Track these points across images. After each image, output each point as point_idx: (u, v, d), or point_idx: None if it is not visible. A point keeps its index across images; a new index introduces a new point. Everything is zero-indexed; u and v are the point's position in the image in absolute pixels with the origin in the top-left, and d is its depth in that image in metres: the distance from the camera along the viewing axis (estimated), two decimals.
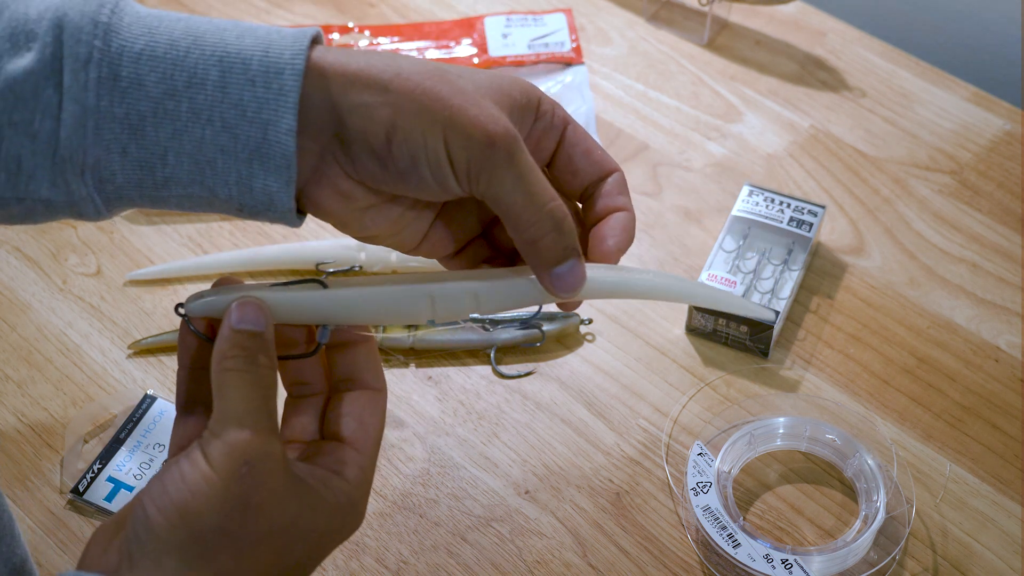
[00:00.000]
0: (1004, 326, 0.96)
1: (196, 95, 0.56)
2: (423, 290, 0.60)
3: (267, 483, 0.54)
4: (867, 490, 0.84)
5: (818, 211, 0.99)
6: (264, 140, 0.56)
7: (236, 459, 0.53)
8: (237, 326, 0.56)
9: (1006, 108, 1.12)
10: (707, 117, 1.12)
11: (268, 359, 0.57)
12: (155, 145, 0.56)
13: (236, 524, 0.53)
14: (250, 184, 0.57)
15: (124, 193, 0.58)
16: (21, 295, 0.96)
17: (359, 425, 0.60)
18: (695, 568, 0.83)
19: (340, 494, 0.57)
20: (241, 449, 0.54)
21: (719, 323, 0.93)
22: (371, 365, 0.61)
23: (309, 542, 0.56)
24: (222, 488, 0.53)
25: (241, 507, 0.53)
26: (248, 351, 0.56)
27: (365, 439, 0.59)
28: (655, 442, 0.89)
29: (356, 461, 0.59)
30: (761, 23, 1.20)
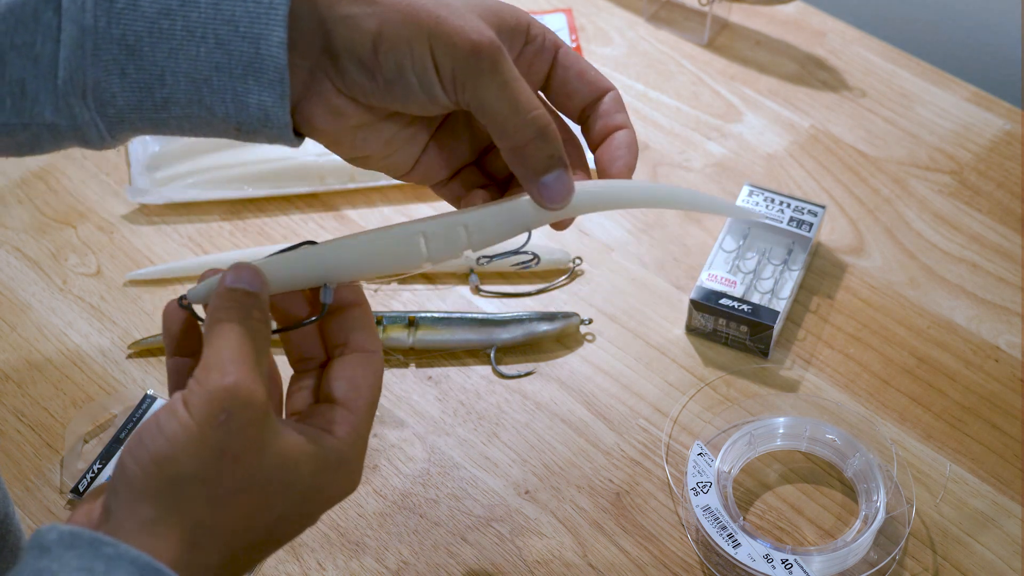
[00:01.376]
0: (1004, 326, 0.96)
1: (190, 12, 0.57)
2: (415, 229, 0.60)
3: (246, 432, 0.53)
4: (867, 490, 0.84)
5: (818, 211, 0.99)
6: (257, 54, 0.57)
7: (215, 406, 0.52)
8: (231, 284, 0.56)
9: (1006, 108, 1.12)
10: (707, 117, 1.12)
11: (262, 315, 0.56)
12: (152, 65, 0.57)
13: (212, 472, 0.52)
14: (246, 100, 0.58)
15: (125, 116, 0.59)
16: (21, 295, 0.96)
17: (351, 386, 0.59)
18: (695, 568, 0.83)
19: (329, 450, 0.56)
20: (221, 396, 0.52)
21: (719, 323, 0.93)
22: (363, 327, 0.61)
23: (292, 497, 0.55)
24: (198, 435, 0.52)
25: (217, 455, 0.52)
26: (242, 305, 0.56)
27: (356, 398, 0.59)
28: (655, 442, 0.89)
29: (347, 419, 0.58)
30: (761, 23, 1.20)
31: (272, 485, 0.54)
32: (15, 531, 0.73)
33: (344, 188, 1.03)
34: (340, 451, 0.57)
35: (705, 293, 0.93)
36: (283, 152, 1.04)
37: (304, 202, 1.03)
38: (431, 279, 0.98)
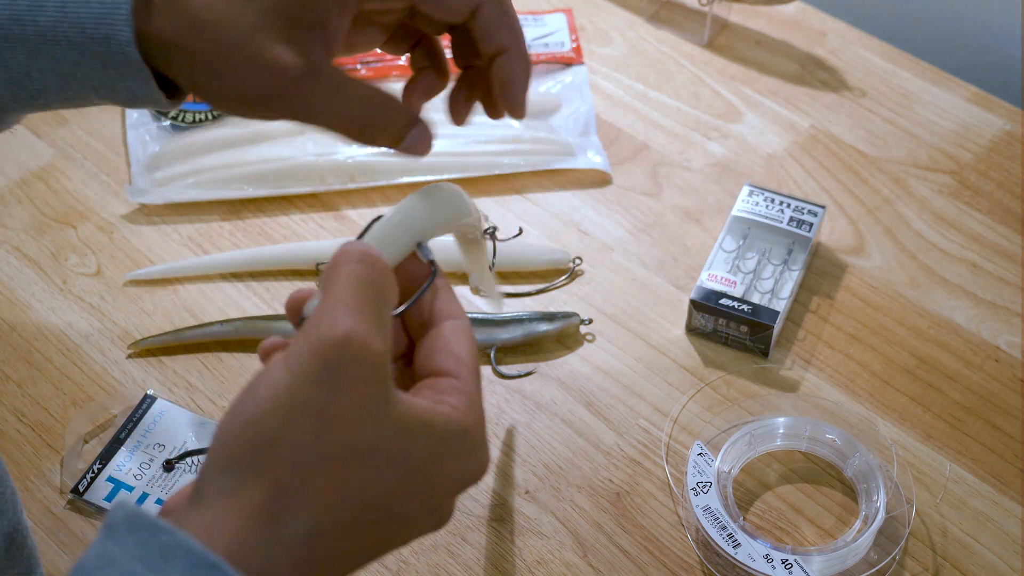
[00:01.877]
0: (1004, 326, 0.96)
1: (38, 17, 0.58)
2: None
3: (353, 391, 0.46)
4: (867, 490, 0.84)
5: (818, 211, 0.99)
6: (109, 52, 0.58)
7: (316, 361, 0.46)
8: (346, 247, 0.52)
9: (1006, 108, 1.12)
10: (707, 117, 1.12)
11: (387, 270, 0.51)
12: (17, 65, 0.59)
13: (304, 435, 0.45)
14: (114, 86, 0.59)
15: (6, 106, 0.60)
16: (21, 295, 0.96)
17: (449, 354, 0.53)
18: (695, 568, 0.83)
19: (447, 420, 0.50)
20: (325, 348, 0.46)
21: (719, 323, 0.93)
22: (445, 299, 0.56)
23: (404, 472, 0.48)
24: (292, 393, 0.46)
25: (313, 415, 0.46)
26: (364, 256, 0.51)
27: (459, 365, 0.53)
28: (655, 442, 0.89)
29: (457, 387, 0.52)
30: (761, 23, 1.20)
31: (378, 455, 0.47)
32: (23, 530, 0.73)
33: (344, 188, 1.03)
34: (459, 421, 0.50)
35: (705, 293, 0.93)
36: (283, 152, 1.04)
37: (304, 202, 1.03)
38: None
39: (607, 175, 1.06)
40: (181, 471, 0.86)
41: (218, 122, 1.07)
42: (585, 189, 1.05)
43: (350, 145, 0.62)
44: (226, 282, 0.98)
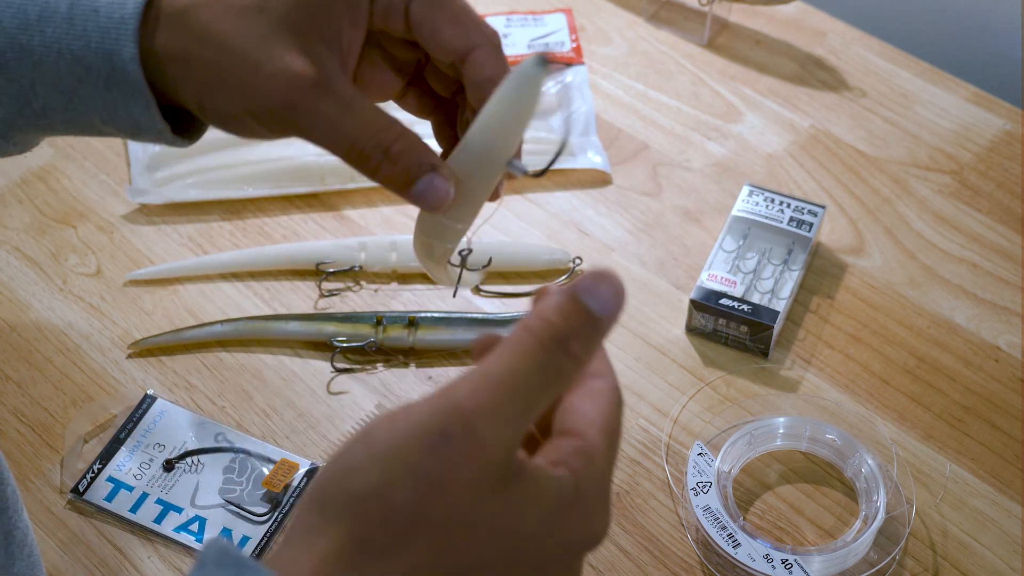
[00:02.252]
0: (1004, 326, 0.96)
1: (46, 28, 0.57)
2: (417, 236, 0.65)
3: (463, 469, 0.43)
4: (867, 490, 0.84)
5: (818, 211, 0.99)
6: (112, 69, 0.56)
7: (434, 425, 0.43)
8: (580, 296, 0.45)
9: (1006, 108, 1.12)
10: (707, 117, 1.12)
11: (583, 351, 0.45)
12: (22, 78, 0.57)
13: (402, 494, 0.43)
14: (115, 110, 0.58)
15: (12, 123, 0.59)
16: (21, 295, 0.96)
17: (579, 415, 0.48)
18: (695, 568, 0.82)
19: (563, 485, 0.45)
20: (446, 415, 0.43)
21: (719, 323, 0.93)
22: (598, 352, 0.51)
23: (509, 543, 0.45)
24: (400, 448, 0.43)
25: (416, 479, 0.43)
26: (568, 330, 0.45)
27: (587, 426, 0.48)
28: (655, 442, 0.89)
29: (579, 448, 0.47)
30: (761, 23, 1.20)
31: (476, 531, 0.44)
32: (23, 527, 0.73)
33: (344, 188, 1.03)
34: (576, 484, 0.46)
35: (705, 293, 0.93)
36: (283, 152, 1.04)
37: (304, 202, 1.03)
38: (431, 279, 0.98)
39: (607, 175, 1.06)
40: (181, 471, 0.86)
41: None
42: (585, 189, 1.05)
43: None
44: (226, 282, 0.98)
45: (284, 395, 0.91)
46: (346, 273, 0.98)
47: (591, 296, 0.45)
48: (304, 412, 0.90)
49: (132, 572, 0.81)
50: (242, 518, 0.84)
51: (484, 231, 1.01)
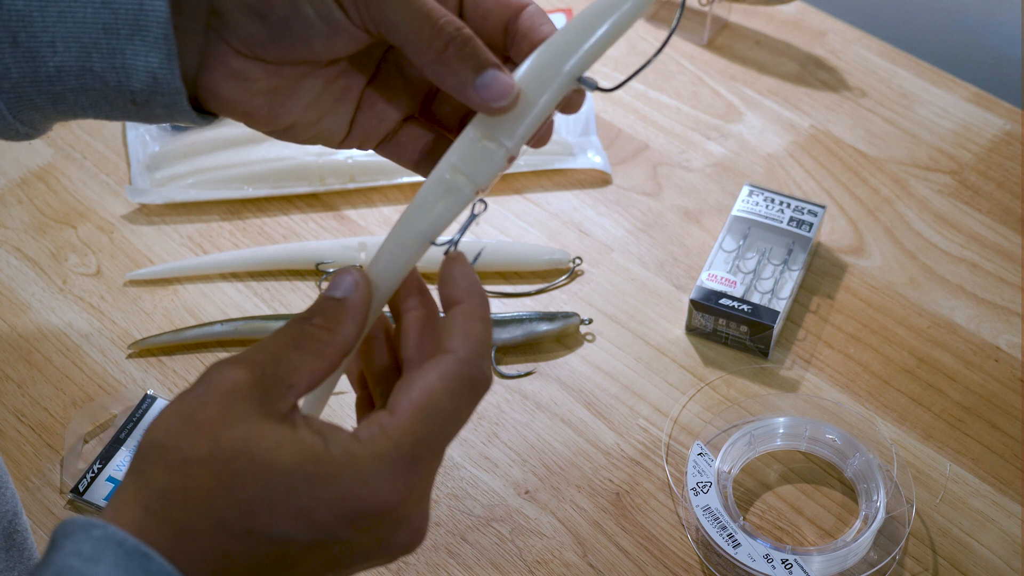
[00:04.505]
0: (1004, 326, 0.96)
1: None
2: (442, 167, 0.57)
3: (214, 403, 0.50)
4: (867, 490, 0.84)
5: (818, 211, 0.99)
6: (141, 10, 0.56)
7: (198, 380, 0.51)
8: (326, 292, 0.54)
9: (1006, 108, 1.12)
10: (707, 117, 1.12)
11: (326, 320, 0.53)
12: (43, 32, 0.57)
13: (173, 438, 0.49)
14: (134, 64, 0.56)
15: (22, 91, 0.58)
16: (21, 295, 0.96)
17: (404, 390, 0.52)
18: (695, 568, 0.82)
19: (334, 443, 0.50)
20: (207, 371, 0.51)
21: (719, 323, 0.93)
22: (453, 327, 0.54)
23: (268, 485, 0.49)
24: (175, 405, 0.50)
25: (182, 422, 0.50)
26: (311, 310, 0.54)
27: (402, 400, 0.51)
28: (655, 442, 0.89)
29: (377, 420, 0.51)
30: (761, 23, 1.20)
31: (237, 463, 0.49)
32: (22, 530, 0.73)
33: (344, 188, 1.03)
34: (347, 448, 0.50)
35: (705, 293, 0.93)
36: (283, 152, 1.03)
37: (304, 202, 1.03)
38: (431, 279, 0.98)
39: (607, 175, 1.06)
40: None
41: (218, 122, 1.07)
42: (585, 189, 1.05)
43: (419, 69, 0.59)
44: (226, 282, 0.98)
45: None
46: None
47: (328, 288, 0.54)
48: None
49: None
50: None
51: (484, 231, 1.01)
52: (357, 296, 0.54)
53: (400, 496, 0.51)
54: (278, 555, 0.50)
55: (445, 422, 0.52)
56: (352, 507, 0.50)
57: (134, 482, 0.50)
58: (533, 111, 0.56)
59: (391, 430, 0.50)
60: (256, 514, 0.49)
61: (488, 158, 0.56)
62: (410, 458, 0.51)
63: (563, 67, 0.56)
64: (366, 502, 0.50)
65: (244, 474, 0.49)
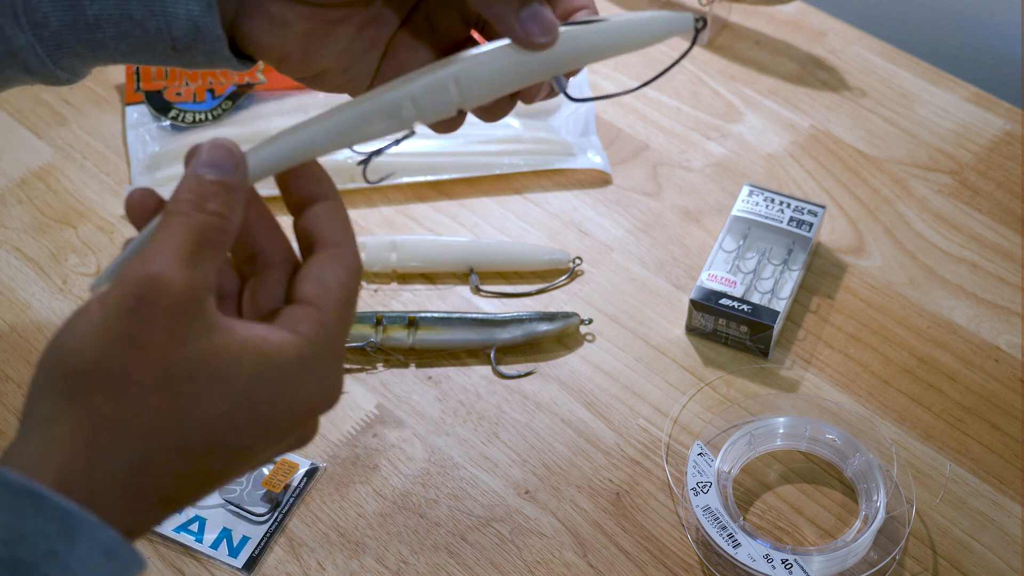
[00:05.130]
0: (1004, 326, 0.96)
1: None
2: (401, 94, 0.55)
3: (162, 320, 0.47)
4: (867, 490, 0.84)
5: (818, 211, 0.99)
6: None
7: (126, 293, 0.47)
8: (196, 170, 0.51)
9: (1006, 108, 1.12)
10: (707, 117, 1.12)
11: (221, 206, 0.50)
12: None
13: (116, 362, 0.46)
14: (174, 11, 0.56)
15: (62, 39, 0.58)
16: (21, 295, 0.96)
17: (317, 284, 0.52)
18: (695, 568, 0.83)
19: (284, 346, 0.50)
20: (134, 282, 0.47)
21: (719, 323, 0.93)
22: (331, 221, 0.54)
23: (231, 396, 0.48)
24: (103, 322, 0.47)
25: (123, 343, 0.46)
26: (199, 195, 0.50)
27: (323, 295, 0.52)
28: (655, 442, 0.89)
29: (312, 316, 0.51)
30: (761, 23, 1.20)
31: (197, 382, 0.47)
32: None
33: (344, 188, 1.03)
34: (300, 348, 0.50)
35: (705, 293, 0.93)
36: None
37: None
38: (431, 279, 0.98)
39: (607, 175, 1.06)
40: None
41: (218, 122, 1.07)
42: (585, 189, 1.05)
43: None
44: None
45: None
46: None
47: (203, 167, 0.51)
48: None
49: None
50: (242, 518, 0.84)
51: (484, 231, 1.01)
52: (240, 179, 0.52)
53: (339, 385, 0.52)
54: (228, 465, 0.50)
55: (354, 309, 0.54)
56: (308, 407, 0.51)
57: (67, 412, 0.46)
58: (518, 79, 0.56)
59: (329, 326, 0.51)
60: (219, 430, 0.48)
61: (446, 104, 0.56)
62: (342, 349, 0.52)
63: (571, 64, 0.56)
64: (318, 399, 0.51)
65: (206, 393, 0.48)
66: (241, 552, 0.82)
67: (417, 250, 0.98)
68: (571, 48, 0.56)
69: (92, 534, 0.45)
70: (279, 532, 0.83)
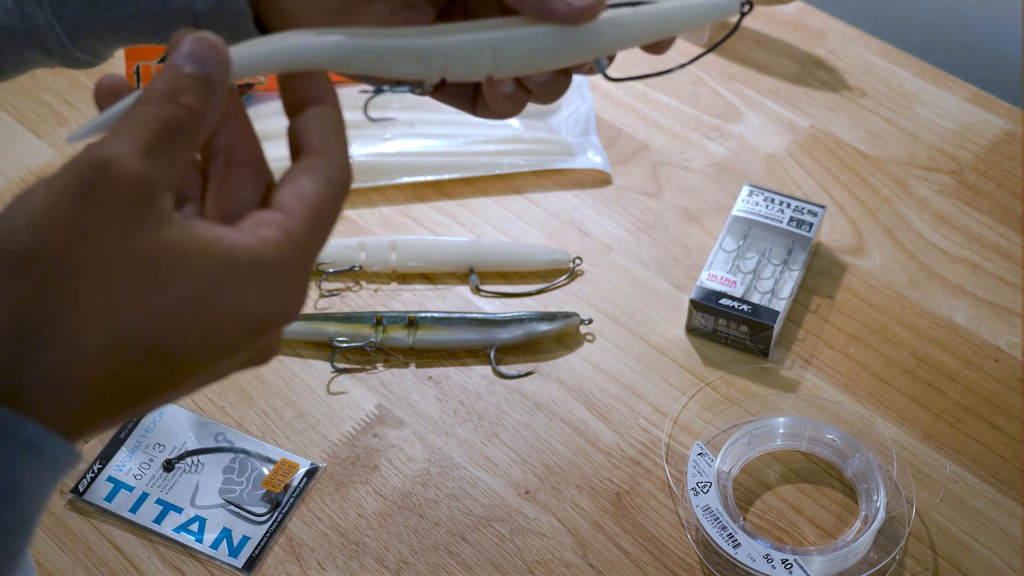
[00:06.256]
0: (1004, 326, 0.96)
1: None
2: (436, 46, 0.53)
3: (110, 208, 0.43)
4: (867, 490, 0.84)
5: (818, 211, 0.99)
6: None
7: (75, 177, 0.43)
8: (175, 61, 0.47)
9: (1006, 108, 1.12)
10: (707, 117, 1.12)
11: (195, 100, 0.47)
12: None
13: (53, 248, 0.43)
14: None
15: (82, 18, 0.56)
16: None
17: (292, 190, 0.49)
18: (695, 568, 0.83)
19: (239, 248, 0.46)
20: (86, 166, 0.43)
21: (719, 323, 0.93)
22: (322, 128, 0.51)
23: (177, 295, 0.44)
24: (46, 205, 0.43)
25: (65, 228, 0.43)
26: (174, 87, 0.47)
27: (295, 202, 0.48)
28: (655, 442, 0.89)
29: (276, 221, 0.47)
30: (761, 23, 1.20)
31: (140, 277, 0.44)
32: None
33: None
34: (257, 252, 0.46)
35: (705, 293, 0.93)
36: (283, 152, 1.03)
37: None
38: (431, 279, 0.98)
39: (607, 175, 1.06)
40: (181, 471, 0.86)
41: None
42: (585, 189, 1.05)
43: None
44: None
45: (284, 395, 0.91)
46: (346, 273, 0.98)
47: (184, 59, 0.47)
48: (304, 412, 0.90)
49: (132, 572, 0.81)
50: (242, 518, 0.84)
51: (484, 231, 1.01)
52: (223, 76, 0.48)
53: (301, 300, 0.48)
54: (170, 373, 0.45)
55: (332, 222, 0.49)
56: (261, 316, 0.47)
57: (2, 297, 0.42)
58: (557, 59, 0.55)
59: (295, 235, 0.47)
60: (160, 331, 0.44)
61: (477, 69, 0.54)
62: (308, 263, 0.48)
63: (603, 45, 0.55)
64: (274, 310, 0.47)
65: (148, 289, 0.44)
66: (241, 552, 0.82)
67: (417, 250, 0.98)
68: (614, 31, 0.55)
69: (14, 429, 0.42)
70: (279, 532, 0.83)
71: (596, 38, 0.55)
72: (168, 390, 0.46)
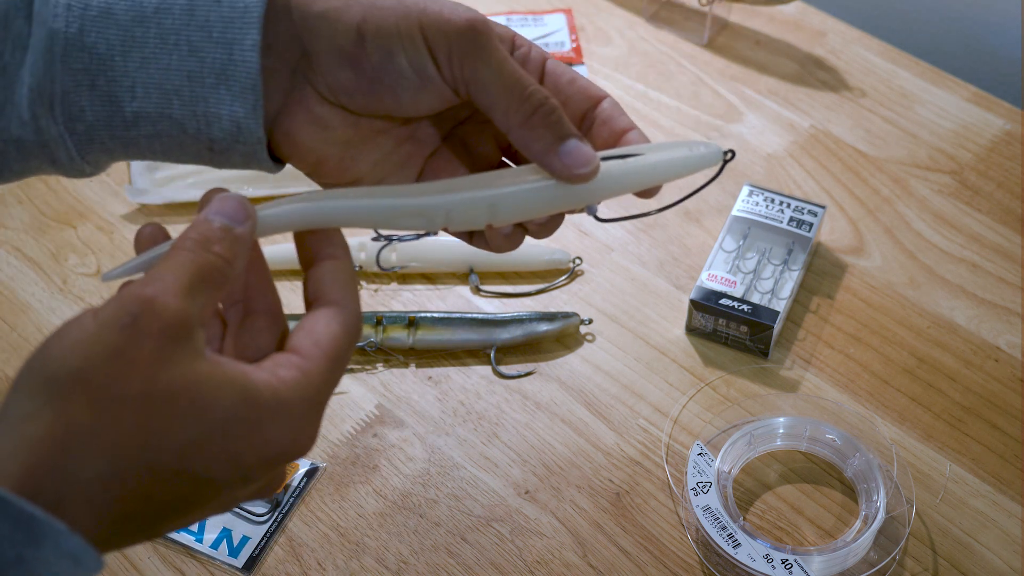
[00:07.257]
0: (1004, 326, 0.96)
1: (164, 20, 0.56)
2: (438, 204, 0.57)
3: (151, 340, 0.47)
4: (867, 490, 0.84)
5: (818, 211, 0.99)
6: (230, 59, 0.55)
7: (121, 310, 0.48)
8: (208, 216, 0.53)
9: (1006, 108, 1.12)
10: (707, 117, 1.12)
11: (225, 250, 0.52)
12: (123, 76, 0.56)
13: (100, 373, 0.47)
14: (217, 112, 0.56)
15: (95, 134, 0.57)
16: (21, 295, 0.96)
17: (308, 335, 0.53)
18: (695, 568, 0.83)
19: (262, 387, 0.50)
20: (131, 301, 0.48)
21: (719, 323, 0.93)
22: (335, 280, 0.55)
23: (205, 426, 0.48)
24: (94, 334, 0.48)
25: (110, 357, 0.47)
26: (206, 238, 0.52)
27: (311, 346, 0.53)
28: (655, 442, 0.89)
29: (295, 363, 0.52)
30: (761, 23, 1.20)
31: (176, 405, 0.48)
32: None
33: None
34: (277, 392, 0.50)
35: (705, 293, 0.93)
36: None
37: None
38: (431, 279, 0.98)
39: None
40: None
41: None
42: None
43: None
44: None
45: None
46: None
47: (214, 214, 0.53)
48: None
49: (132, 572, 0.81)
50: (242, 518, 0.84)
51: None
52: (249, 232, 0.54)
53: (313, 437, 0.52)
54: (194, 495, 0.49)
55: (344, 367, 0.54)
56: (277, 451, 0.51)
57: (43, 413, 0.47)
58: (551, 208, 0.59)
59: (312, 376, 0.52)
60: (189, 457, 0.48)
61: (477, 221, 0.58)
62: (323, 403, 0.53)
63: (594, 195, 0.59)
64: (290, 445, 0.51)
65: (183, 417, 0.48)
66: (241, 552, 0.82)
67: (417, 250, 0.98)
68: (605, 184, 0.58)
69: (58, 541, 0.45)
70: (279, 532, 0.83)
71: (588, 191, 0.58)
72: (189, 512, 0.50)
